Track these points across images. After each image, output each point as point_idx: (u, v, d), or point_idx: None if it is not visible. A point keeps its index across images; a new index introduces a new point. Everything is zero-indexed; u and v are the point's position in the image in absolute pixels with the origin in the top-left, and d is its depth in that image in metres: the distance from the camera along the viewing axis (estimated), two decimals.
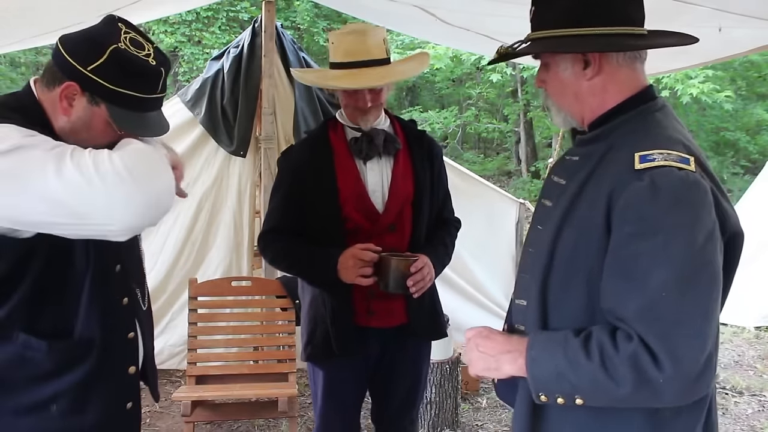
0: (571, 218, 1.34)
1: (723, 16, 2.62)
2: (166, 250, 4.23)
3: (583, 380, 1.23)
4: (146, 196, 1.35)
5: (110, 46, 1.43)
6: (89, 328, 1.54)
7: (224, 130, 4.17)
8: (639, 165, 1.23)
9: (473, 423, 3.96)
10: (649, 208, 1.19)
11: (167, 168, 1.45)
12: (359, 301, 2.20)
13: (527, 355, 1.30)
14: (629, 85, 1.37)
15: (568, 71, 1.38)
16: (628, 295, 1.20)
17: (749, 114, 11.90)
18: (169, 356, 4.28)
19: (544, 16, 1.38)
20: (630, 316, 1.19)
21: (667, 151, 1.24)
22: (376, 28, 2.18)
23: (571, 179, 1.39)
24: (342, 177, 2.18)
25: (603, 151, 1.34)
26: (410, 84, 15.26)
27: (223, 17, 12.83)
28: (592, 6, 1.33)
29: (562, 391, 1.26)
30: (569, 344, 1.25)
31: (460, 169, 4.77)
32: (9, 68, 12.92)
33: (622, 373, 1.18)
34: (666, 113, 1.37)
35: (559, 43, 1.36)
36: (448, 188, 2.46)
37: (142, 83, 1.48)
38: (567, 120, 1.47)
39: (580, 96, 1.40)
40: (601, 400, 1.25)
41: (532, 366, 1.29)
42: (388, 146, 2.21)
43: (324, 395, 2.31)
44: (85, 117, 1.48)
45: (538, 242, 1.43)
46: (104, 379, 1.57)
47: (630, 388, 1.19)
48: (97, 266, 1.54)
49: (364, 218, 2.19)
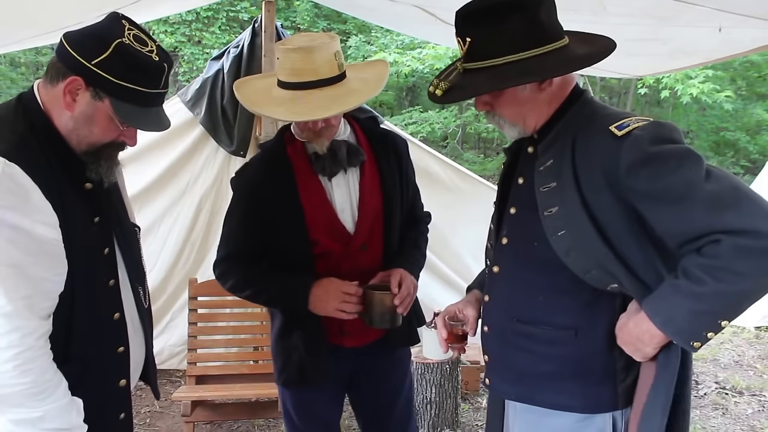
0: (593, 208, 1.41)
1: (723, 16, 2.62)
2: (166, 250, 4.23)
3: (714, 302, 1.29)
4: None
5: (115, 41, 1.45)
6: (78, 345, 1.54)
7: (224, 130, 4.17)
8: (619, 132, 1.37)
9: (473, 423, 3.96)
10: (648, 149, 1.33)
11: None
12: (331, 322, 2.04)
13: (656, 322, 1.36)
14: (568, 86, 1.54)
15: (526, 91, 1.49)
16: (687, 215, 1.29)
17: (749, 114, 11.91)
18: (169, 356, 4.28)
19: (485, 50, 1.45)
20: (703, 226, 1.28)
21: (634, 118, 1.41)
22: (326, 43, 1.87)
23: (560, 178, 1.46)
24: (306, 197, 2.00)
25: (571, 142, 1.46)
26: (410, 84, 15.24)
27: (223, 17, 12.84)
28: (531, 31, 1.42)
29: (705, 325, 1.31)
30: (681, 288, 1.32)
31: (460, 169, 4.77)
32: (9, 68, 12.91)
33: (736, 270, 1.25)
34: (594, 99, 1.57)
35: (508, 73, 1.43)
36: (416, 183, 2.28)
37: (145, 78, 1.49)
38: (521, 131, 1.57)
39: (536, 107, 1.52)
40: (741, 306, 1.31)
41: (668, 326, 1.35)
42: (352, 159, 2.03)
43: (299, 416, 2.20)
44: (88, 112, 1.49)
45: (565, 251, 1.46)
46: (95, 393, 1.57)
47: (751, 275, 1.26)
48: (87, 286, 1.54)
49: (335, 241, 2.03)
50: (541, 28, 1.43)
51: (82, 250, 1.51)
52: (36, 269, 1.41)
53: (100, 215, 1.59)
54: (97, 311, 1.58)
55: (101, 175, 1.57)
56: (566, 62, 1.45)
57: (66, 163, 1.51)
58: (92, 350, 1.56)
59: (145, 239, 2.00)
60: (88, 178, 1.56)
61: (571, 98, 1.53)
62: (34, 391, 1.40)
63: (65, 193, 1.48)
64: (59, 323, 1.49)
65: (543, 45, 1.43)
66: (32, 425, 1.42)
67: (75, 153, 1.54)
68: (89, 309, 1.55)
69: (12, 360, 1.37)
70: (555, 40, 1.45)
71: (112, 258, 1.63)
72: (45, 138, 1.49)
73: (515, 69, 1.42)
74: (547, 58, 1.43)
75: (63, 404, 1.45)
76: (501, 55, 1.43)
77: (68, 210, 1.48)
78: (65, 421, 1.46)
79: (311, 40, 1.91)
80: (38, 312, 1.43)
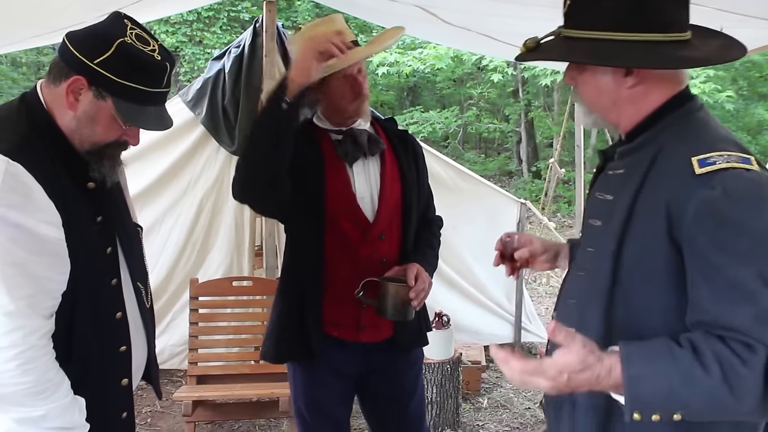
0: (629, 237, 1.25)
1: (724, 16, 2.62)
2: (167, 250, 4.23)
3: (698, 397, 1.11)
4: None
5: (117, 40, 1.45)
6: (80, 344, 1.54)
7: (225, 130, 4.17)
8: (700, 170, 1.16)
9: (474, 423, 3.96)
10: (727, 215, 1.13)
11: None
12: (348, 317, 2.10)
13: (625, 373, 1.13)
14: (670, 89, 1.30)
15: (607, 77, 1.30)
16: (735, 305, 1.11)
17: (750, 114, 11.88)
18: (170, 356, 4.27)
19: (583, 15, 1.28)
20: (746, 325, 1.10)
21: (726, 153, 1.17)
22: (337, 15, 2.05)
23: (619, 194, 1.30)
24: (331, 179, 2.05)
25: (650, 159, 1.26)
26: (411, 84, 15.25)
27: (224, 17, 12.86)
28: (636, 10, 1.23)
29: (667, 408, 1.14)
30: (679, 358, 1.12)
31: (461, 169, 4.77)
32: (10, 68, 12.93)
33: (749, 387, 1.08)
34: (706, 112, 1.31)
35: (598, 50, 1.25)
36: (430, 186, 2.35)
37: (147, 77, 1.50)
38: (597, 122, 1.41)
39: (618, 103, 1.32)
40: (712, 416, 1.16)
41: (633, 385, 1.13)
42: (372, 146, 2.10)
43: (309, 414, 2.20)
44: (91, 111, 1.49)
45: (592, 266, 1.35)
46: (98, 392, 1.57)
47: (756, 402, 1.09)
48: (89, 285, 1.55)
49: (355, 227, 2.07)
50: (652, 13, 1.23)
51: (84, 249, 1.52)
52: (39, 268, 1.42)
53: (102, 214, 1.60)
54: (99, 310, 1.58)
55: (104, 175, 1.58)
56: (650, 59, 1.24)
57: (69, 163, 1.52)
58: (94, 349, 1.57)
59: (146, 239, 2.00)
60: (91, 177, 1.57)
61: (672, 105, 1.29)
62: (36, 390, 1.40)
63: (68, 193, 1.49)
64: (61, 322, 1.49)
65: (645, 31, 1.23)
66: (34, 424, 1.42)
67: (78, 152, 1.54)
68: (91, 308, 1.55)
69: (14, 359, 1.37)
70: (663, 30, 1.24)
71: (115, 257, 1.64)
72: (48, 137, 1.49)
73: (598, 48, 1.25)
74: (642, 50, 1.23)
75: (65, 403, 1.46)
76: (596, 28, 1.25)
77: (71, 209, 1.48)
78: (67, 420, 1.46)
79: (327, 17, 2.08)
80: (41, 311, 1.43)
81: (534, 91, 13.27)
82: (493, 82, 10.96)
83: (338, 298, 2.09)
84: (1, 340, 1.37)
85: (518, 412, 4.11)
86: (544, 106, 13.61)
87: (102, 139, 1.54)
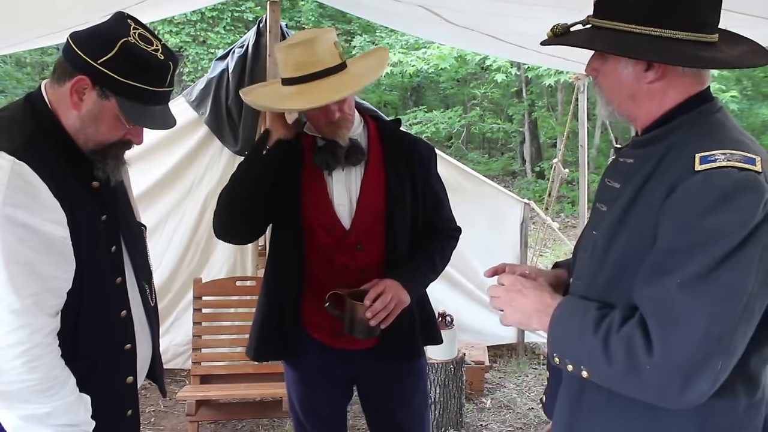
0: (625, 223, 1.28)
1: (725, 16, 2.60)
2: (171, 249, 4.24)
3: (585, 352, 1.22)
4: None
5: (120, 40, 1.46)
6: (85, 342, 1.55)
7: (229, 130, 4.18)
8: (699, 166, 1.17)
9: (477, 423, 3.96)
10: (693, 206, 1.15)
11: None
12: (324, 322, 2.06)
13: (553, 314, 1.30)
14: (690, 88, 1.29)
15: (627, 70, 1.30)
16: (653, 283, 1.17)
17: (755, 114, 11.84)
18: (174, 356, 4.29)
19: (611, 5, 1.28)
20: (644, 297, 1.17)
21: (731, 151, 1.17)
22: (324, 34, 1.94)
23: (627, 183, 1.33)
24: (307, 185, 2.04)
25: (661, 153, 1.27)
26: (414, 84, 15.24)
27: (227, 17, 12.88)
28: (666, 7, 1.23)
29: (571, 357, 1.26)
30: (587, 314, 1.24)
31: (465, 169, 4.77)
32: (15, 68, 12.97)
33: (616, 352, 1.16)
34: (725, 114, 1.30)
35: (621, 41, 1.25)
36: (444, 194, 2.22)
37: (151, 76, 1.51)
38: (614, 115, 1.41)
39: (636, 98, 1.32)
40: (599, 377, 1.23)
41: (553, 325, 1.29)
42: (351, 157, 2.03)
43: (305, 416, 2.22)
44: (95, 111, 1.50)
45: (591, 247, 1.39)
46: (103, 390, 1.58)
47: (621, 370, 1.16)
48: (94, 284, 1.55)
49: (329, 234, 2.03)
50: (681, 9, 1.23)
51: (89, 247, 1.53)
52: (45, 267, 1.42)
53: (107, 213, 1.61)
54: (104, 309, 1.59)
55: (108, 174, 1.59)
56: (674, 56, 1.23)
57: (73, 162, 1.53)
58: (99, 347, 1.58)
59: (150, 238, 2.00)
60: (95, 176, 1.58)
61: (690, 104, 1.29)
62: (42, 387, 1.41)
63: (73, 192, 1.50)
64: (67, 320, 1.50)
65: (671, 29, 1.23)
66: (40, 421, 1.43)
67: (82, 152, 1.55)
68: (96, 306, 1.56)
69: (20, 356, 1.38)
70: (691, 30, 1.24)
71: (119, 256, 1.64)
72: (53, 137, 1.50)
73: (622, 39, 1.25)
74: (666, 46, 1.23)
75: (71, 401, 1.46)
76: (624, 20, 1.25)
77: (76, 208, 1.49)
78: (73, 418, 1.47)
79: (310, 33, 1.99)
80: (47, 309, 1.44)
81: (538, 91, 13.25)
82: (497, 82, 10.96)
83: (316, 302, 2.05)
84: (8, 338, 1.38)
85: (521, 413, 4.11)
86: (547, 106, 13.59)
87: (106, 139, 1.55)
